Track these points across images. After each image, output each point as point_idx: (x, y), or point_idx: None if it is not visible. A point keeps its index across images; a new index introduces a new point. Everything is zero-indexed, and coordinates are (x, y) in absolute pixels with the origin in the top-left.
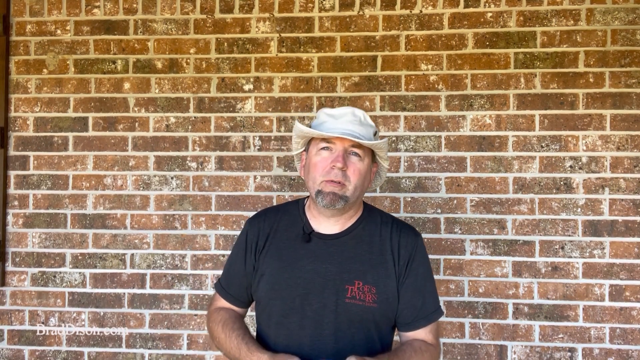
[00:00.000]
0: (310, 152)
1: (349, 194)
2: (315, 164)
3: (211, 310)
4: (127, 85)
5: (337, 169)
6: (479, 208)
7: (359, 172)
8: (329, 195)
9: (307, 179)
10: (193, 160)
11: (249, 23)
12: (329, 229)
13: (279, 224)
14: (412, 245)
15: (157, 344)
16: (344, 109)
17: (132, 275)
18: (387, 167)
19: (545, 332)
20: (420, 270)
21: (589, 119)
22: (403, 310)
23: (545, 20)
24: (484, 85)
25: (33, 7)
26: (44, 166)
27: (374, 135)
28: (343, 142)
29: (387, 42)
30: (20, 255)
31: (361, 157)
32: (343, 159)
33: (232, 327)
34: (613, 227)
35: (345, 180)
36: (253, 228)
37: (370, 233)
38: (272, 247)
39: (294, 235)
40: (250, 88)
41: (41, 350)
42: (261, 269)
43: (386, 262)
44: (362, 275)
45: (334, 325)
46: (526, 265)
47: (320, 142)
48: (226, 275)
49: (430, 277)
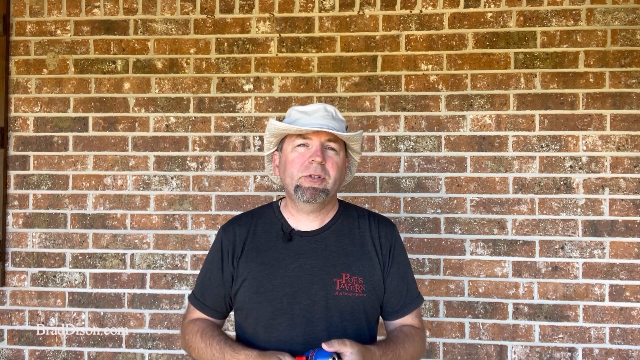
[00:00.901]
0: (286, 150)
1: (329, 187)
2: (292, 160)
3: (185, 324)
4: (127, 85)
5: (316, 163)
6: (479, 208)
7: (337, 165)
8: (309, 190)
9: (283, 176)
10: (193, 160)
11: (249, 23)
12: (308, 225)
13: (255, 228)
14: (392, 234)
15: (157, 344)
16: (315, 105)
17: (132, 275)
18: (358, 160)
19: (545, 332)
20: (401, 258)
21: (589, 119)
22: (390, 298)
23: (545, 20)
24: (484, 85)
25: (33, 7)
26: (44, 166)
27: (345, 129)
28: (319, 136)
29: (387, 42)
30: (20, 255)
31: (337, 150)
32: (321, 152)
33: (212, 335)
34: (613, 227)
35: (324, 174)
36: (228, 234)
37: (350, 226)
38: (252, 251)
39: (274, 237)
40: (250, 88)
41: (41, 350)
42: (242, 275)
43: (369, 253)
44: (348, 268)
45: (325, 321)
46: (526, 265)
47: (296, 138)
48: (201, 286)
49: (409, 265)
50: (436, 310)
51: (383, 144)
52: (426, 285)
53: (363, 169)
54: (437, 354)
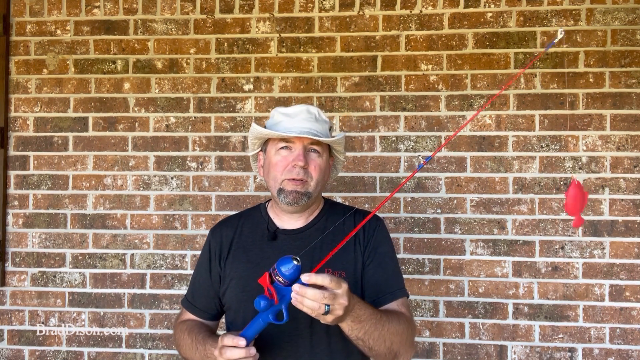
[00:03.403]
0: (269, 152)
1: (311, 189)
2: (275, 163)
3: (176, 324)
4: (127, 85)
5: (299, 167)
6: (479, 208)
7: (320, 168)
8: (291, 194)
9: (267, 178)
10: (193, 160)
11: (249, 23)
12: (293, 224)
13: (242, 228)
14: (374, 227)
15: (157, 344)
16: (298, 107)
17: (132, 275)
18: (343, 159)
19: (545, 332)
20: (382, 249)
21: (589, 119)
22: (367, 288)
23: (545, 20)
24: (484, 85)
25: (33, 7)
26: (44, 166)
27: (329, 129)
28: (302, 140)
29: (387, 42)
30: (20, 255)
31: (320, 153)
32: (304, 157)
33: (199, 331)
34: (613, 227)
35: (307, 177)
36: (215, 236)
37: (334, 223)
38: (238, 251)
39: (259, 236)
40: (250, 88)
41: (41, 350)
42: (229, 274)
43: (352, 247)
44: (332, 263)
45: (308, 318)
46: (526, 265)
47: (279, 141)
48: (192, 288)
49: (393, 258)
50: (436, 310)
51: (383, 144)
52: (426, 285)
53: (363, 169)
54: (437, 354)
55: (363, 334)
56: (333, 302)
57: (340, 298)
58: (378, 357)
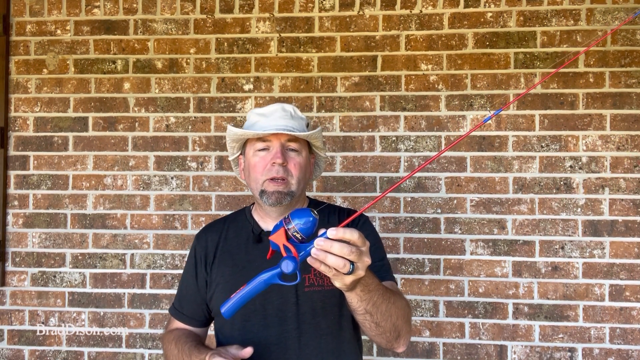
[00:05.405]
0: (248, 154)
1: (294, 188)
2: (254, 165)
3: (164, 335)
4: (127, 85)
5: (277, 165)
6: (479, 208)
7: (299, 166)
8: (273, 195)
9: (248, 181)
10: (193, 160)
11: (249, 23)
12: None
13: (227, 232)
14: (356, 221)
15: (157, 344)
16: (273, 106)
17: (132, 275)
18: (324, 156)
19: (545, 332)
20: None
21: (589, 119)
22: None
23: (545, 20)
24: (484, 85)
25: (33, 7)
26: (44, 166)
27: (306, 127)
28: (279, 138)
29: (387, 42)
30: (20, 255)
31: (298, 150)
32: (282, 154)
33: (185, 341)
34: (613, 227)
35: (287, 176)
36: (200, 242)
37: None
38: (224, 255)
39: (244, 239)
40: (250, 88)
41: (41, 350)
42: (216, 280)
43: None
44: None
45: (296, 318)
46: (526, 265)
47: (256, 142)
48: (179, 296)
49: (378, 250)
50: (436, 310)
51: (383, 144)
52: (426, 285)
53: (363, 169)
54: (437, 354)
55: (372, 306)
56: (358, 260)
57: (365, 256)
58: (383, 335)
